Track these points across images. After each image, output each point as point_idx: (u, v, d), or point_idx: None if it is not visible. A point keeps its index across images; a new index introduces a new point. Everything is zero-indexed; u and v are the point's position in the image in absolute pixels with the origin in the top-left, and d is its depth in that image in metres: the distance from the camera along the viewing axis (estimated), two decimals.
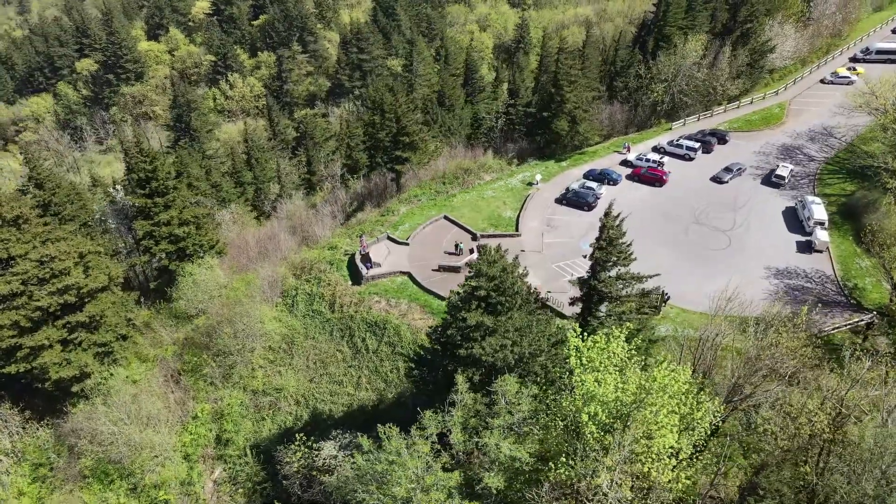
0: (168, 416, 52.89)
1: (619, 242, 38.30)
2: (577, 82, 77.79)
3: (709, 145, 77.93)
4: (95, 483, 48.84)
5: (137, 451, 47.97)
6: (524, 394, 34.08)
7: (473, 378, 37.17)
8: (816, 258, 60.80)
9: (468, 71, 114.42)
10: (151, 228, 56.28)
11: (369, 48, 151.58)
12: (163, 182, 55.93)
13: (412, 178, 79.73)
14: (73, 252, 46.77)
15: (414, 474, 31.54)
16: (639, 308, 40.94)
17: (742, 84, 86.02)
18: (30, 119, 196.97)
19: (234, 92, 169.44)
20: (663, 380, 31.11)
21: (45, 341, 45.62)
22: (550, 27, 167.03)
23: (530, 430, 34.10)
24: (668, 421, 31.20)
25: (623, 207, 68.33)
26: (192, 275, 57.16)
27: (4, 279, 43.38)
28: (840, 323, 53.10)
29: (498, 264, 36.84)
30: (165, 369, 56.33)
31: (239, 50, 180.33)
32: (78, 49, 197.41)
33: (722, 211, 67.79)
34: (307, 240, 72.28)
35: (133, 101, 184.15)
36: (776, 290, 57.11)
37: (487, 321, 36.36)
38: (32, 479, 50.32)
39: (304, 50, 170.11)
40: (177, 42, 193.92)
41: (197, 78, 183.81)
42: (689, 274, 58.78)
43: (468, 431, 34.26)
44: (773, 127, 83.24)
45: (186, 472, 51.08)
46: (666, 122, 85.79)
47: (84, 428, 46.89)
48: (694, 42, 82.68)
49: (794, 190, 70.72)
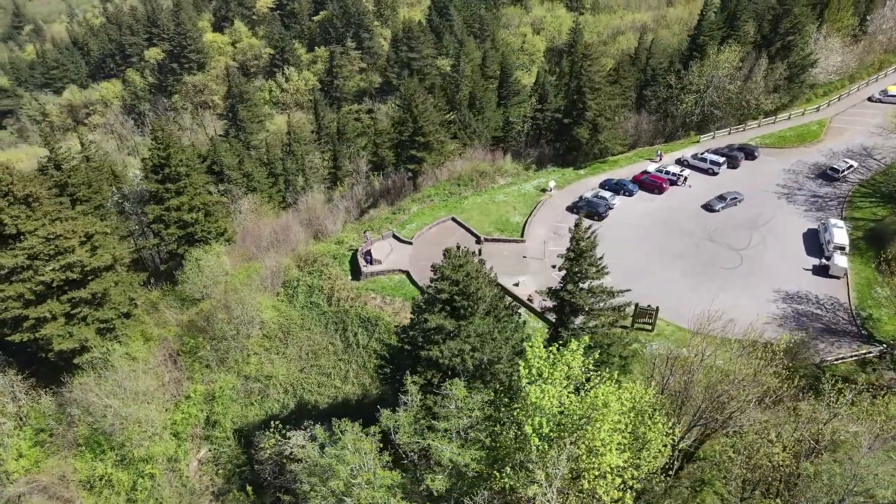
0: (163, 393, 55.08)
1: (590, 255, 37.53)
2: (601, 90, 76.46)
3: (735, 160, 75.20)
4: (88, 452, 51.31)
5: (128, 424, 50.14)
6: (474, 399, 33.91)
7: (433, 380, 37.28)
8: (832, 284, 57.87)
9: (503, 74, 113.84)
10: (162, 213, 58.73)
11: (419, 47, 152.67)
12: (174, 169, 58.22)
13: (430, 177, 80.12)
14: (80, 231, 49.28)
15: (352, 470, 31.90)
16: (612, 322, 40.04)
17: (778, 98, 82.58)
18: (99, 103, 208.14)
19: (289, 85, 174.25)
20: (605, 397, 30.47)
21: (47, 314, 48.29)
22: (606, 32, 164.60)
23: (477, 436, 33.90)
24: (611, 439, 30.54)
25: (635, 219, 68.08)
26: (198, 260, 59.28)
27: (12, 253, 46.18)
28: (846, 354, 50.49)
29: (463, 269, 36.77)
30: (166, 349, 58.58)
31: (297, 44, 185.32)
32: (148, 38, 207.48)
33: (739, 229, 65.38)
34: (320, 233, 73.73)
35: (194, 89, 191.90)
36: (783, 315, 54.72)
37: (448, 325, 36.36)
38: (33, 443, 53.26)
39: (358, 46, 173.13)
40: (240, 34, 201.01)
41: (256, 70, 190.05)
42: (693, 291, 56.95)
43: (418, 433, 34.36)
44: (808, 144, 79.64)
45: (175, 449, 53.02)
46: (695, 135, 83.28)
47: (78, 399, 49.41)
48: (728, 53, 79.97)
49: (820, 211, 67.63)
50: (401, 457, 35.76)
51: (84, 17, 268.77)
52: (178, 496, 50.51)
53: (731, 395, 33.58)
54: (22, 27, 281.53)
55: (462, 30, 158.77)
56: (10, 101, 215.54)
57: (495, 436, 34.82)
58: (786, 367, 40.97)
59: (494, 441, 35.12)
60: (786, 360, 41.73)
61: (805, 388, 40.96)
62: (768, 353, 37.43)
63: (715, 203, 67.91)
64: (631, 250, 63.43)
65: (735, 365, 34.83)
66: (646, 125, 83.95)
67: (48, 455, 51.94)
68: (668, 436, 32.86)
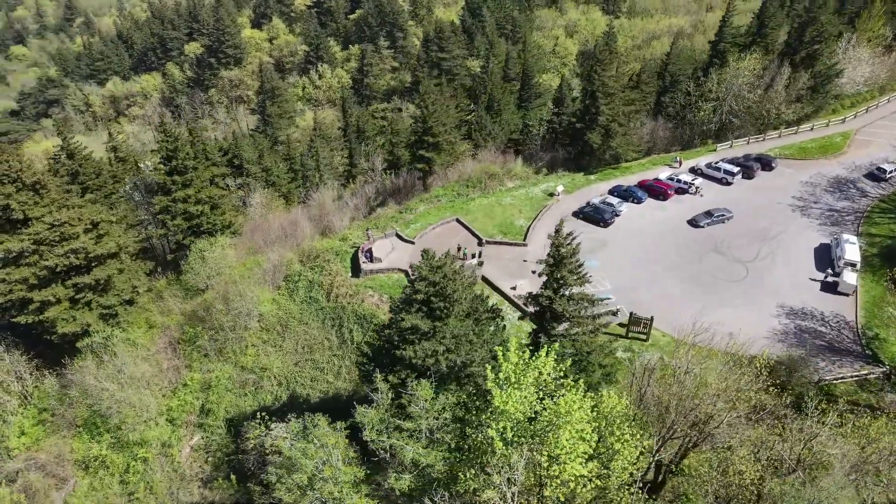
0: (161, 380, 56.44)
1: (570, 261, 37.17)
2: (615, 95, 75.54)
3: (750, 170, 73.46)
4: (85, 433, 52.91)
5: (123, 408, 51.53)
6: (440, 400, 33.94)
7: (407, 380, 37.39)
8: (840, 301, 56.13)
9: (525, 76, 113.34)
10: (168, 204, 60.19)
11: (449, 47, 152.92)
12: (182, 161, 59.60)
13: (440, 178, 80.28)
14: (86, 219, 50.86)
15: (316, 464, 32.26)
16: (593, 330, 39.60)
17: (801, 109, 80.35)
18: (139, 95, 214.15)
19: (321, 82, 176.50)
20: (568, 405, 30.19)
21: (51, 297, 49.97)
22: (640, 37, 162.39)
23: (443, 437, 33.92)
24: (573, 448, 30.25)
25: (641, 227, 67.07)
26: (202, 251, 60.57)
27: (19, 238, 47.93)
28: (846, 374, 48.97)
29: (441, 270, 36.82)
30: (168, 337, 60.01)
31: (332, 42, 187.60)
32: (188, 33, 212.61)
33: (748, 240, 63.88)
34: (327, 229, 74.50)
35: (230, 84, 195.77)
36: (784, 331, 53.30)
37: (423, 325, 36.43)
38: (36, 421, 55.14)
39: (392, 45, 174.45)
40: (277, 31, 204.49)
41: (291, 66, 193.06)
42: (693, 302, 55.86)
43: (386, 431, 34.54)
44: (829, 157, 77.36)
45: (169, 434, 54.28)
46: (712, 143, 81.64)
47: (77, 381, 50.99)
48: (749, 60, 78.20)
49: (835, 226, 65.69)
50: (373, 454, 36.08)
51: (130, 11, 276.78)
52: (169, 480, 51.67)
53: (704, 410, 32.84)
54: (73, 19, 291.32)
55: (493, 31, 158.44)
56: (57, 91, 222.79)
57: (465, 438, 34.84)
58: (773, 383, 40.14)
59: (463, 443, 35.14)
60: (772, 377, 40.87)
61: (791, 406, 39.95)
62: (750, 368, 36.62)
63: (701, 219, 65.96)
64: (633, 258, 62.59)
65: (709, 378, 34.05)
66: (662, 132, 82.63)
67: (48, 434, 53.73)
68: (636, 448, 32.40)
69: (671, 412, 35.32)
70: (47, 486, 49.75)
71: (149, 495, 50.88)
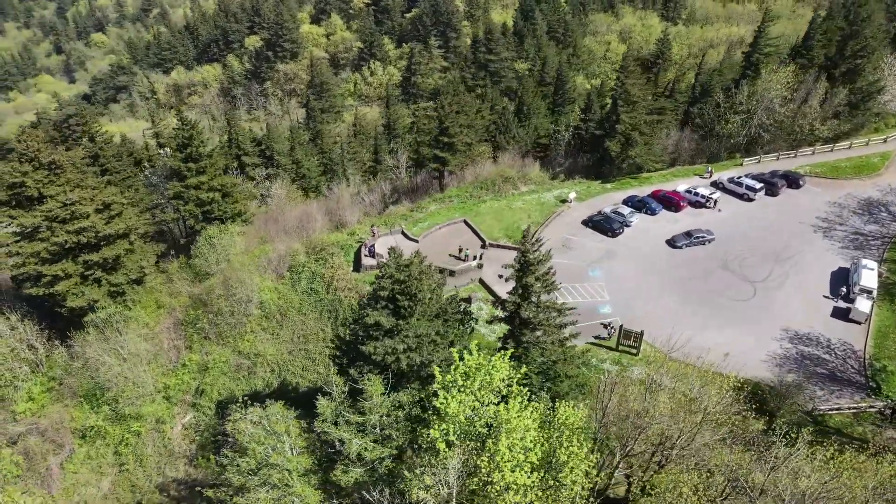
0: (162, 358, 58.62)
1: (537, 268, 36.72)
2: (638, 103, 73.89)
3: (774, 187, 70.59)
4: (85, 403, 55.47)
5: (120, 382, 53.83)
6: (391, 398, 34.15)
7: (367, 375, 37.75)
8: (850, 329, 53.40)
9: (559, 81, 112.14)
10: (181, 190, 62.49)
11: (497, 49, 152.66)
12: (196, 149, 61.73)
13: (457, 178, 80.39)
14: (98, 200, 53.37)
15: (265, 450, 33.01)
16: (563, 340, 39.03)
17: (837, 126, 76.69)
18: (200, 84, 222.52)
19: (373, 79, 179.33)
20: (508, 413, 29.98)
21: (61, 272, 52.66)
22: (697, 45, 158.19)
23: (389, 434, 34.12)
24: (512, 455, 30.00)
25: (650, 239, 65.50)
26: (211, 237, 62.57)
27: (32, 214, 50.73)
28: (843, 405, 46.67)
29: (408, 269, 37.03)
30: (173, 318, 62.24)
31: (386, 39, 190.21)
32: (250, 26, 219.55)
33: (761, 259, 61.51)
34: (340, 224, 75.61)
35: (284, 77, 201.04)
36: (784, 355, 51.16)
37: (385, 322, 36.69)
38: (45, 389, 58.13)
39: (444, 45, 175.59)
40: (334, 27, 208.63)
41: (345, 62, 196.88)
42: (693, 320, 54.35)
43: (338, 424, 34.98)
44: (863, 177, 73.58)
45: (164, 411, 56.34)
46: (739, 157, 78.87)
47: (78, 353, 53.53)
48: (782, 73, 75.18)
49: (858, 250, 62.53)
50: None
51: (200, 4, 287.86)
52: (158, 456, 53.66)
53: (656, 429, 31.97)
54: (150, 10, 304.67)
55: (543, 34, 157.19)
56: (126, 78, 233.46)
57: (416, 437, 35.00)
58: (750, 407, 38.74)
59: (415, 443, 35.29)
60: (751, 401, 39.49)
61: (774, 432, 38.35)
62: (716, 390, 35.36)
63: (679, 239, 63.45)
64: (637, 270, 61.23)
65: (663, 396, 33.11)
66: (687, 143, 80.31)
67: (54, 401, 56.58)
68: (583, 462, 31.80)
69: (629, 428, 34.57)
70: (45, 451, 52.47)
71: (138, 468, 52.99)
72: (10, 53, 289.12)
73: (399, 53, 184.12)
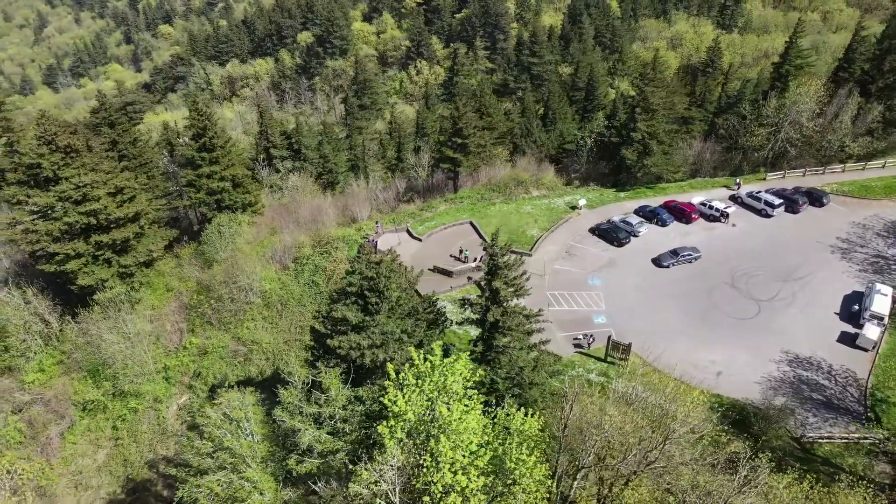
0: (165, 339, 60.69)
1: (505, 273, 36.50)
2: (657, 111, 72.33)
3: (795, 204, 67.88)
4: (89, 378, 57.93)
5: (122, 360, 56.03)
6: (344, 392, 34.52)
7: (335, 369, 38.26)
8: (855, 356, 51.00)
9: (590, 87, 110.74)
10: (193, 178, 64.53)
11: (541, 52, 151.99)
12: (210, 139, 63.64)
13: (471, 179, 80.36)
14: (111, 184, 55.68)
15: (221, 435, 33.89)
16: (530, 347, 38.67)
17: (870, 143, 73.30)
18: (252, 77, 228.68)
19: (418, 78, 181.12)
20: (452, 415, 29.96)
21: (71, 251, 55.17)
22: (751, 55, 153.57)
23: (343, 428, 34.48)
24: (454, 457, 29.97)
25: (656, 250, 63.89)
26: (220, 225, 64.40)
27: (47, 194, 53.35)
28: (835, 434, 44.70)
29: (378, 267, 37.36)
30: (179, 301, 64.35)
31: (435, 39, 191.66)
32: (303, 22, 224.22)
33: (770, 278, 59.36)
34: (352, 219, 76.66)
35: (332, 73, 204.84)
36: (780, 378, 49.26)
37: (352, 317, 37.12)
38: (56, 361, 60.96)
39: (490, 47, 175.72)
40: (385, 25, 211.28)
41: (393, 60, 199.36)
42: (690, 336, 53.06)
43: (293, 414, 35.56)
44: (894, 198, 70.10)
45: (163, 391, 58.35)
46: (763, 171, 76.23)
47: (83, 329, 55.93)
48: (812, 86, 72.31)
49: (877, 274, 59.69)
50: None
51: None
52: (152, 433, 55.60)
53: (603, 443, 31.39)
54: (216, 3, 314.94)
55: (590, 39, 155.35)
56: (184, 69, 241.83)
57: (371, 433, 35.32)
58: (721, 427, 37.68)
59: (369, 437, 35.62)
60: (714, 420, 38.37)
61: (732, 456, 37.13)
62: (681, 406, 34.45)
63: (666, 258, 61.15)
64: (638, 282, 60.00)
65: (611, 410, 32.46)
66: (709, 155, 78.10)
67: (62, 374, 59.29)
68: (532, 470, 31.49)
69: (582, 441, 34.05)
70: (47, 421, 55.08)
71: (132, 443, 55.03)
72: (84, 42, 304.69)
73: (446, 53, 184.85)
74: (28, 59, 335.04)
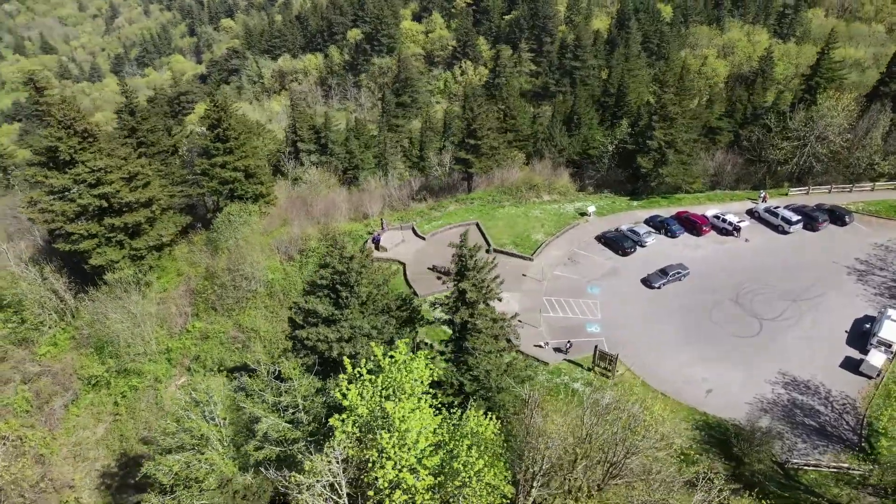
0: (168, 321, 62.74)
1: (475, 275, 36.40)
2: (675, 120, 70.65)
3: (814, 221, 65.32)
4: (95, 354, 60.39)
5: (126, 339, 58.21)
6: (306, 383, 35.08)
7: (306, 360, 38.95)
8: (857, 383, 48.76)
9: (620, 93, 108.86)
10: (207, 167, 66.45)
11: (584, 56, 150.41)
12: (224, 130, 65.42)
13: (485, 181, 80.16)
14: (125, 169, 57.93)
15: (185, 416, 34.95)
16: (499, 350, 38.45)
17: None
18: (301, 72, 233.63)
19: (462, 78, 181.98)
20: (396, 413, 30.15)
21: (84, 231, 57.67)
22: (805, 65, 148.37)
23: (301, 419, 35.04)
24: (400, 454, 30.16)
25: (661, 262, 62.45)
26: (230, 214, 66.16)
27: (63, 176, 55.90)
28: (822, 462, 42.93)
29: (350, 261, 37.84)
30: (187, 286, 66.39)
31: (482, 40, 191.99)
32: (353, 19, 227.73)
33: (777, 296, 57.28)
34: (364, 214, 77.53)
35: (378, 71, 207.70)
36: (773, 401, 47.55)
37: (322, 310, 37.71)
38: (69, 336, 63.78)
39: (536, 49, 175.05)
40: (434, 25, 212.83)
41: (440, 60, 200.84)
42: (685, 351, 51.83)
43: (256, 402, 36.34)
44: None
45: (164, 371, 60.34)
46: (787, 186, 73.56)
47: (90, 308, 58.35)
48: (843, 100, 69.36)
49: (894, 298, 56.93)
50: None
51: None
52: (150, 412, 57.51)
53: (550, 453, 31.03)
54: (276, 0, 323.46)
55: (636, 44, 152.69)
56: (238, 62, 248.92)
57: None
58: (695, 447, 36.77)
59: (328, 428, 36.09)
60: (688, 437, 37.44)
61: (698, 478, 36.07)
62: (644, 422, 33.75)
63: (655, 279, 58.63)
64: (638, 293, 58.82)
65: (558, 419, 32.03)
66: (731, 166, 75.81)
67: (71, 349, 62.01)
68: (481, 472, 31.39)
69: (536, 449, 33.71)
70: (53, 392, 57.70)
71: (129, 420, 57.10)
72: (151, 33, 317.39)
73: (492, 54, 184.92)
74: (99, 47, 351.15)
